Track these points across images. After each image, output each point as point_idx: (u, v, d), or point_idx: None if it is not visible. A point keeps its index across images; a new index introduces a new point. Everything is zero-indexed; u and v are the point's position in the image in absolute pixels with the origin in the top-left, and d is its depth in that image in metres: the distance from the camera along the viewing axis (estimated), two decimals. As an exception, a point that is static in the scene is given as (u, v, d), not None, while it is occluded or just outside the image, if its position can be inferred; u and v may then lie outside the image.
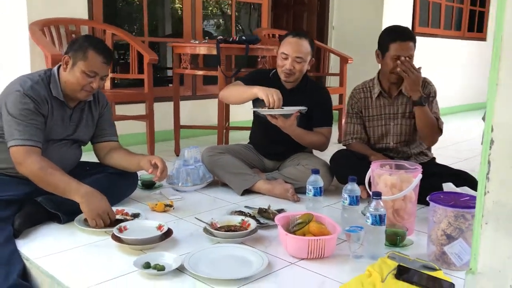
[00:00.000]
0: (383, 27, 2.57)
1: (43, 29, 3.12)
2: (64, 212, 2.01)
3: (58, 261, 1.71)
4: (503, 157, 1.14)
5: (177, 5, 8.83)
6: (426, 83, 2.51)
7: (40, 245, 1.83)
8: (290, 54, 2.50)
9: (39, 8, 3.19)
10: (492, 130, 1.15)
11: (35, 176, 1.97)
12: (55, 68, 2.15)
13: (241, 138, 3.57)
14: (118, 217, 2.04)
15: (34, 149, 1.98)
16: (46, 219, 2.03)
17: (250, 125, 2.87)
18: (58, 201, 2.01)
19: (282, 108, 2.37)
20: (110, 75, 3.40)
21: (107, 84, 3.40)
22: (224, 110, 3.30)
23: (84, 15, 3.42)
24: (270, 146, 2.71)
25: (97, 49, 2.06)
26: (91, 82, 2.07)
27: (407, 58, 2.38)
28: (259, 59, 3.32)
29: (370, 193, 2.01)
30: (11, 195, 1.99)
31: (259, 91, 2.36)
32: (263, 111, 2.36)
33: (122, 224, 1.91)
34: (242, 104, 2.63)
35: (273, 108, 2.31)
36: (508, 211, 1.15)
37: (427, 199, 1.75)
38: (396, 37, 2.41)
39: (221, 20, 10.09)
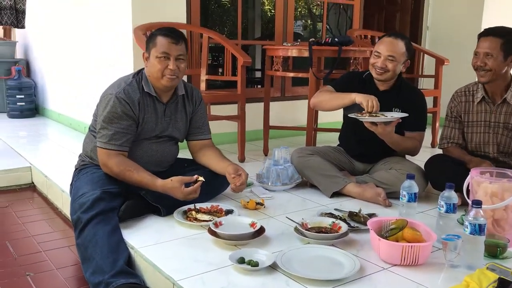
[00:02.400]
0: (483, 28, 2.45)
1: (146, 33, 3.32)
2: (164, 205, 2.15)
3: (159, 251, 1.84)
4: None
5: (266, 7, 8.98)
6: None
7: (143, 236, 1.97)
8: (383, 52, 2.47)
9: (143, 13, 3.41)
10: None
11: (117, 176, 2.14)
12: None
13: (328, 140, 3.57)
14: (206, 217, 2.12)
15: (114, 153, 2.15)
16: (148, 211, 2.18)
17: (338, 126, 2.87)
18: (159, 195, 2.14)
19: (384, 115, 2.36)
20: (206, 77, 3.55)
21: (203, 85, 3.55)
22: (313, 111, 3.32)
23: (183, 20, 3.60)
24: (361, 148, 2.69)
25: (163, 33, 2.18)
26: (167, 64, 2.16)
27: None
28: (351, 61, 3.30)
29: (468, 201, 1.94)
30: (117, 188, 2.14)
31: (357, 96, 2.38)
32: (364, 118, 2.35)
33: (218, 219, 2.00)
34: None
35: (371, 113, 2.30)
36: None
37: (533, 210, 1.65)
38: (481, 34, 2.35)
39: (309, 21, 10.08)
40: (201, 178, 2.13)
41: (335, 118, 3.21)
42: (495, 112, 2.42)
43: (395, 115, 2.41)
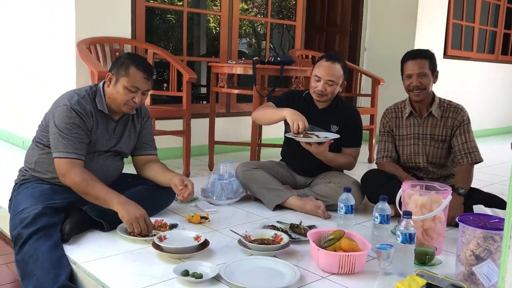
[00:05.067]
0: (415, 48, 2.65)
1: (89, 47, 3.31)
2: (107, 220, 2.13)
3: (103, 266, 1.83)
4: (531, 181, 1.19)
5: (211, 25, 9.08)
6: (459, 110, 2.57)
7: (86, 251, 1.95)
8: (323, 76, 2.61)
9: (86, 27, 3.39)
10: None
11: (77, 187, 2.10)
12: (101, 84, 2.29)
13: (272, 155, 3.67)
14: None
15: (77, 162, 2.11)
16: (91, 226, 2.16)
17: (281, 142, 2.98)
18: (102, 210, 2.13)
19: (316, 136, 2.50)
20: (151, 91, 3.55)
21: (147, 100, 3.56)
22: (257, 127, 3.41)
23: (128, 35, 3.60)
24: (301, 163, 2.80)
25: (138, 66, 2.19)
26: (133, 97, 2.20)
27: (417, 78, 2.49)
28: (293, 80, 3.43)
29: (401, 212, 2.07)
30: (59, 202, 2.11)
31: (287, 114, 2.50)
32: (299, 139, 2.47)
33: (162, 234, 2.02)
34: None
35: (300, 133, 2.44)
36: (537, 232, 1.20)
37: (457, 220, 1.80)
38: (407, 57, 2.55)
39: (253, 39, 10.29)
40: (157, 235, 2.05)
41: (278, 134, 3.31)
42: (422, 125, 2.62)
43: (329, 135, 2.55)
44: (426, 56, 2.54)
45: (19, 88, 4.35)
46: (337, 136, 2.57)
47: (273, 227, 2.23)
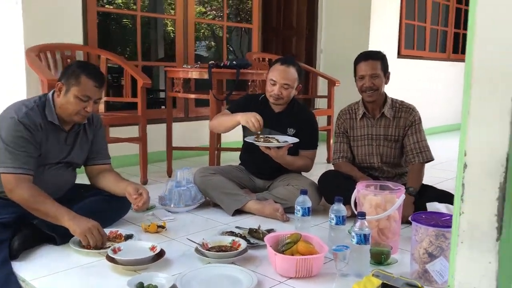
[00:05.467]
0: (369, 49, 2.70)
1: (39, 54, 3.20)
2: (59, 234, 2.06)
3: (54, 282, 1.76)
4: (476, 180, 1.22)
5: (169, 28, 8.98)
6: (410, 110, 2.63)
7: (36, 267, 1.88)
8: (278, 80, 2.62)
9: (36, 34, 3.27)
10: (465, 155, 1.24)
11: (25, 203, 2.03)
12: (50, 94, 2.22)
13: (232, 159, 3.65)
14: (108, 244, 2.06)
15: (24, 177, 2.04)
16: (42, 241, 2.08)
17: (240, 146, 2.96)
18: (54, 224, 2.06)
19: (276, 140, 2.51)
20: (104, 98, 3.48)
21: (101, 107, 3.47)
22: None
23: (80, 41, 3.51)
24: (260, 166, 2.80)
25: (89, 74, 2.14)
26: (85, 106, 2.14)
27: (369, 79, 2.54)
28: (249, 83, 3.42)
29: (356, 212, 2.09)
30: (6, 217, 2.03)
31: (241, 118, 2.52)
32: (258, 143, 2.48)
33: (116, 245, 1.97)
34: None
35: (258, 130, 2.46)
36: (481, 230, 1.23)
37: (409, 218, 1.83)
38: (359, 59, 2.60)
39: (212, 42, 10.25)
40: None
41: (238, 137, 3.29)
42: (375, 126, 2.67)
43: (289, 140, 2.56)
44: (378, 57, 2.60)
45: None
46: (296, 140, 2.58)
47: (232, 233, 2.21)
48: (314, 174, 2.88)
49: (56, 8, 3.36)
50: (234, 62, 3.29)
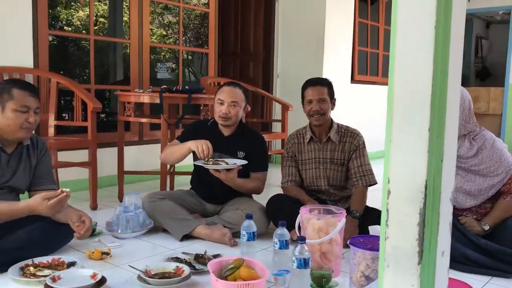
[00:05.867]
0: (324, 74, 2.81)
1: (-15, 78, 3.14)
2: (-3, 262, 2.01)
3: (-13, 314, 1.71)
4: (398, 206, 1.28)
5: (128, 51, 8.95)
6: (355, 135, 2.72)
7: (-31, 298, 1.82)
8: (226, 99, 2.68)
9: (-18, 56, 3.22)
10: (388, 182, 1.30)
11: None
12: None
13: (187, 183, 3.63)
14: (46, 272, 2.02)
15: None
16: (-22, 270, 2.02)
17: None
18: (-8, 252, 2.01)
19: (226, 163, 2.53)
20: (54, 122, 3.43)
21: (51, 130, 3.42)
22: (167, 156, 3.37)
23: (30, 64, 3.46)
24: (210, 190, 2.81)
25: (19, 86, 2.16)
26: (27, 117, 2.15)
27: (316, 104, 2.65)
28: (201, 108, 3.45)
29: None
30: None
31: (191, 145, 2.55)
32: (208, 166, 2.50)
33: (56, 274, 1.93)
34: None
35: (207, 157, 2.47)
36: (405, 253, 1.28)
37: (348, 242, 1.88)
38: (307, 85, 2.73)
39: (173, 64, 10.27)
40: (66, 190, 2.08)
41: (191, 161, 3.30)
42: (322, 149, 2.75)
43: (238, 162, 2.60)
44: (324, 83, 2.71)
45: None
46: (245, 162, 2.61)
47: (177, 259, 2.20)
48: (265, 198, 2.91)
49: (5, 30, 3.32)
50: (186, 87, 3.32)
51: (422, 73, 1.16)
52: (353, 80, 5.83)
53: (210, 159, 2.54)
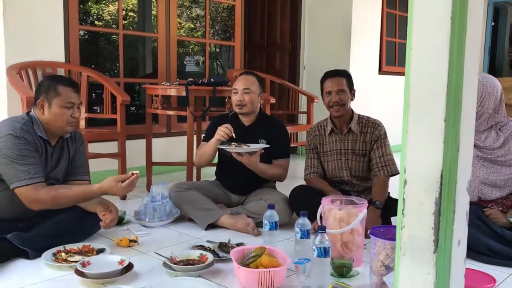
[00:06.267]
0: (351, 66, 2.81)
1: (20, 72, 3.26)
2: (32, 247, 2.11)
3: (22, 296, 1.81)
4: (414, 195, 1.29)
5: (157, 44, 9.07)
6: (376, 125, 2.71)
7: (6, 282, 1.92)
8: (239, 87, 2.75)
9: (17, 51, 3.34)
10: (405, 172, 1.31)
11: (52, 205, 2.15)
12: (32, 112, 2.28)
13: (213, 174, 3.70)
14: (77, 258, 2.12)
15: (40, 184, 2.13)
16: (15, 255, 2.13)
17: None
18: (26, 237, 2.12)
19: (248, 146, 2.56)
20: (85, 115, 3.54)
21: (82, 123, 3.53)
22: (192, 146, 3.45)
23: (61, 58, 3.58)
24: (234, 181, 2.86)
25: (64, 83, 2.26)
26: (72, 113, 2.25)
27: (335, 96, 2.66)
28: (226, 100, 3.50)
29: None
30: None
31: (216, 135, 2.61)
32: (230, 149, 2.55)
33: (86, 259, 2.02)
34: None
35: (230, 136, 2.55)
36: (421, 243, 1.30)
37: (368, 232, 1.90)
38: (326, 76, 2.74)
39: (202, 57, 10.35)
40: (136, 172, 2.23)
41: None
42: (343, 141, 2.76)
43: (259, 145, 2.63)
44: (343, 75, 2.72)
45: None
46: (267, 146, 2.65)
47: (202, 247, 2.26)
48: (288, 188, 2.94)
49: (38, 26, 3.44)
50: (212, 80, 3.37)
51: (438, 63, 1.17)
52: (381, 71, 5.78)
53: (232, 144, 2.59)
